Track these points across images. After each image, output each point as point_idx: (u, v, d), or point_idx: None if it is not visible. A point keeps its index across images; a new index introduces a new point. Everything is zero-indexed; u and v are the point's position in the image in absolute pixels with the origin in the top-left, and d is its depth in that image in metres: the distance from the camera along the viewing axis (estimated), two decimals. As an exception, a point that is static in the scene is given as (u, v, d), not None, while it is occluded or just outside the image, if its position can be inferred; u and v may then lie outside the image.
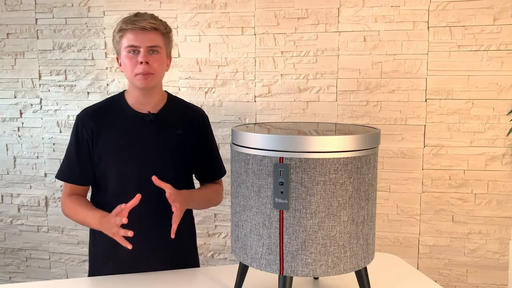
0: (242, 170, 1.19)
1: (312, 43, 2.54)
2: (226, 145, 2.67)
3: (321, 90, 2.56)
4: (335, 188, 1.11)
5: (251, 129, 1.27)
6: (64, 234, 2.92)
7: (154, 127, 1.56)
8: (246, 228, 1.19)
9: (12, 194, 2.97)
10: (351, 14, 2.49)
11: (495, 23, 2.37)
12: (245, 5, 2.58)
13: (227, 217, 2.73)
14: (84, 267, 2.91)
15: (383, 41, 2.47)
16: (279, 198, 1.11)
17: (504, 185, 2.45)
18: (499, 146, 2.44)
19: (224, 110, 2.67)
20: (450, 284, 2.55)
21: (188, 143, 1.60)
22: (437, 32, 2.42)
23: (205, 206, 1.69)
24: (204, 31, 2.64)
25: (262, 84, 2.61)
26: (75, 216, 1.56)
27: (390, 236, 2.59)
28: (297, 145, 1.09)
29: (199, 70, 2.67)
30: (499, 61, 2.39)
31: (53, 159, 2.88)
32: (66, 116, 2.84)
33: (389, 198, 2.56)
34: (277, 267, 1.14)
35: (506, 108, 2.41)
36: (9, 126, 2.92)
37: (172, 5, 2.65)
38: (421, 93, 2.47)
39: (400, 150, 2.52)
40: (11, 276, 3.04)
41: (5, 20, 2.84)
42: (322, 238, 1.12)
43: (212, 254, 2.78)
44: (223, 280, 1.48)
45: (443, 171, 2.50)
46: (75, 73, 2.80)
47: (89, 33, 2.76)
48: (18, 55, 2.85)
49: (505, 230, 2.48)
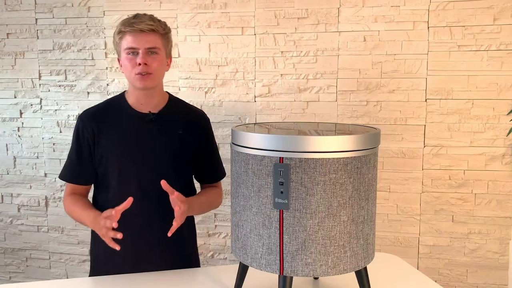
0: (242, 170, 1.19)
1: (312, 43, 2.54)
2: (226, 145, 2.67)
3: (321, 90, 2.56)
4: (335, 188, 1.11)
5: (251, 129, 1.27)
6: (64, 234, 2.92)
7: (155, 127, 1.56)
8: (246, 228, 1.19)
9: (12, 194, 2.97)
10: (351, 14, 2.49)
11: (495, 23, 2.37)
12: (245, 5, 2.58)
13: (227, 217, 2.73)
14: (84, 267, 2.91)
15: (383, 41, 2.47)
16: (279, 198, 1.11)
17: (504, 185, 2.45)
18: (499, 146, 2.44)
19: (224, 110, 2.67)
20: (450, 284, 2.55)
21: (188, 144, 1.60)
22: (437, 32, 2.42)
23: (205, 211, 1.71)
24: (204, 31, 2.64)
25: (262, 84, 2.61)
26: (73, 215, 1.58)
27: (390, 236, 2.59)
28: (297, 145, 1.09)
29: (199, 70, 2.67)
30: (499, 61, 2.39)
31: (53, 159, 2.88)
32: (66, 116, 2.84)
33: (389, 198, 2.56)
34: (277, 267, 1.14)
35: (506, 108, 2.41)
36: (9, 126, 2.92)
37: (172, 5, 2.65)
38: (421, 93, 2.47)
39: (400, 150, 2.52)
40: (11, 276, 3.04)
41: (5, 20, 2.84)
42: (322, 238, 1.12)
43: (212, 254, 2.78)
44: (223, 280, 1.48)
45: (443, 171, 2.50)
46: (75, 73, 2.80)
47: (89, 33, 2.76)
48: (18, 55, 2.85)
49: (505, 230, 2.48)
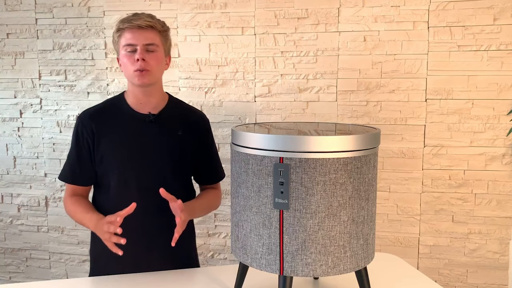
0: (242, 170, 1.19)
1: (312, 43, 2.54)
2: (226, 145, 2.67)
3: (321, 90, 2.56)
4: (335, 188, 1.11)
5: (251, 129, 1.27)
6: (64, 234, 2.92)
7: (155, 127, 1.56)
8: (246, 228, 1.19)
9: (12, 194, 2.97)
10: (351, 14, 2.49)
11: (495, 23, 2.37)
12: (245, 5, 2.58)
13: (227, 217, 2.73)
14: (84, 267, 2.91)
15: (383, 41, 2.47)
16: (279, 198, 1.11)
17: (504, 185, 2.45)
18: (499, 146, 2.44)
19: (224, 110, 2.67)
20: (450, 284, 2.55)
21: (188, 145, 1.60)
22: (437, 32, 2.42)
23: (205, 214, 1.71)
24: (204, 31, 2.64)
25: (262, 84, 2.61)
26: (75, 217, 1.57)
27: (390, 236, 2.59)
28: (297, 145, 1.09)
29: (199, 70, 2.67)
30: (499, 61, 2.39)
31: (53, 159, 2.88)
32: (66, 116, 2.84)
33: (389, 198, 2.56)
34: (277, 267, 1.14)
35: (506, 108, 2.41)
36: (9, 126, 2.92)
37: (172, 5, 2.65)
38: (421, 93, 2.47)
39: (400, 150, 2.52)
40: (11, 276, 3.04)
41: (5, 20, 2.84)
42: (322, 238, 1.11)
43: (212, 254, 2.78)
44: (223, 280, 1.48)
45: (443, 171, 2.50)
46: (75, 73, 2.80)
47: (89, 33, 2.76)
48: (18, 55, 2.85)
49: (505, 230, 2.48)
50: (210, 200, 1.69)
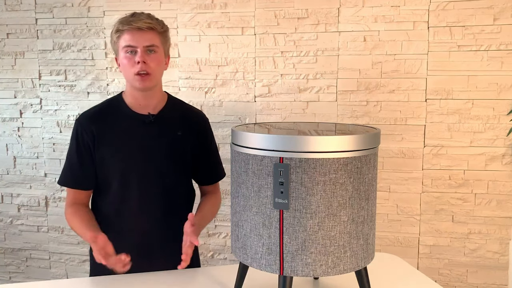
0: (242, 170, 1.19)
1: (312, 43, 2.54)
2: (226, 145, 2.67)
3: (321, 90, 2.56)
4: (335, 188, 1.11)
5: (251, 129, 1.27)
6: (64, 234, 2.92)
7: (154, 128, 1.55)
8: (246, 228, 1.19)
9: (12, 194, 2.97)
10: (351, 14, 2.49)
11: (495, 23, 2.37)
12: (245, 5, 2.58)
13: (227, 217, 2.73)
14: (84, 267, 2.91)
15: (383, 41, 2.47)
16: (279, 198, 1.11)
17: (504, 185, 2.45)
18: (499, 146, 2.44)
19: (224, 110, 2.67)
20: (450, 284, 2.55)
21: (188, 145, 1.60)
22: (437, 32, 2.42)
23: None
24: (204, 31, 2.64)
25: (262, 84, 2.61)
26: (73, 228, 1.56)
27: (390, 236, 2.59)
28: (297, 145, 1.09)
29: (199, 70, 2.67)
30: (499, 61, 2.39)
31: (53, 159, 2.88)
32: (66, 116, 2.84)
33: (389, 198, 2.56)
34: (277, 267, 1.14)
35: (506, 108, 2.41)
36: (9, 126, 2.92)
37: (172, 5, 2.65)
38: (421, 93, 2.47)
39: (400, 150, 2.52)
40: (11, 276, 3.04)
41: (5, 20, 2.84)
42: (322, 238, 1.11)
43: (212, 254, 2.78)
44: (223, 280, 1.47)
45: (443, 171, 2.50)
46: (75, 73, 2.80)
47: (89, 33, 2.76)
48: (18, 55, 2.85)
49: (505, 230, 2.48)
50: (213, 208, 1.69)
